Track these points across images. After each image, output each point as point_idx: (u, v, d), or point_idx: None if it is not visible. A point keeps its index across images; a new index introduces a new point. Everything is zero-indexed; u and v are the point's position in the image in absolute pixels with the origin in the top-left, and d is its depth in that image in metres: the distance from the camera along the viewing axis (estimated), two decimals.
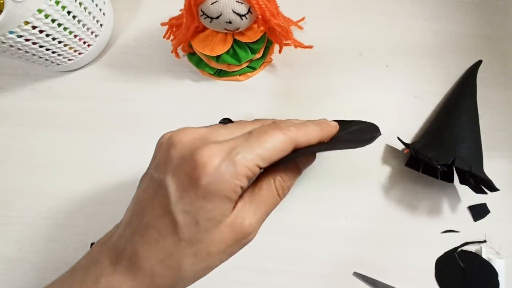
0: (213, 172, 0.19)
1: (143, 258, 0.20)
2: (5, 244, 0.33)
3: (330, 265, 0.31)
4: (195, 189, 0.19)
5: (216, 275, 0.31)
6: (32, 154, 0.35)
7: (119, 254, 0.21)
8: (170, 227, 0.19)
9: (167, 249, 0.20)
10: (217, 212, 0.19)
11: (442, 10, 0.38)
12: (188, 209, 0.19)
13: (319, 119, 0.25)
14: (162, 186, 0.20)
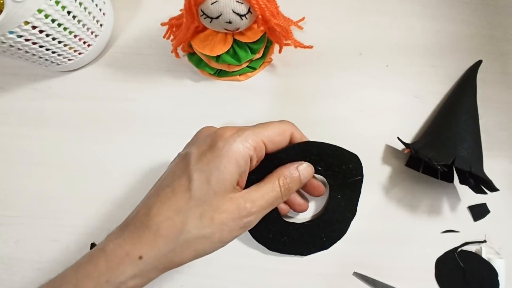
0: (227, 138, 0.23)
1: (153, 215, 0.22)
2: (5, 244, 0.33)
3: (330, 265, 0.31)
4: (211, 151, 0.22)
5: (216, 275, 0.31)
6: (32, 154, 0.35)
7: (129, 219, 0.23)
8: (185, 184, 0.22)
9: (176, 205, 0.22)
10: (226, 175, 0.22)
11: (442, 10, 0.38)
12: (203, 168, 0.22)
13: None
14: (186, 155, 0.23)
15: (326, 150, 0.27)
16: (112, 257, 0.21)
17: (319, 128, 0.34)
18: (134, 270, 0.21)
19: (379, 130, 0.34)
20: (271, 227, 0.30)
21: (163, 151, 0.34)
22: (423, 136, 0.33)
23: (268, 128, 0.24)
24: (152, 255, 0.21)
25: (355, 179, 0.30)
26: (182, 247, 0.22)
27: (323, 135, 0.34)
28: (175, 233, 0.22)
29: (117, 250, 0.22)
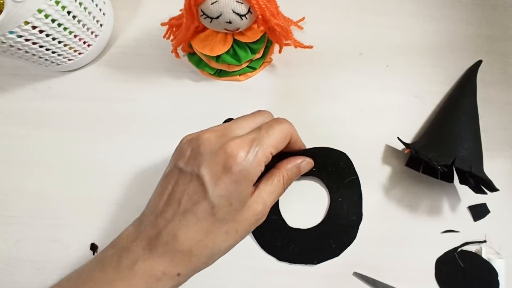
0: (243, 162, 0.23)
1: (182, 240, 0.23)
2: (5, 244, 0.33)
3: (330, 265, 0.31)
4: (227, 175, 0.23)
5: (216, 275, 0.31)
6: (32, 154, 0.35)
7: (152, 240, 0.24)
8: (208, 210, 0.23)
9: (204, 230, 0.23)
10: (245, 193, 0.24)
11: (442, 10, 0.38)
12: (223, 194, 0.23)
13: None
14: (195, 177, 0.24)
15: (316, 152, 0.28)
16: (147, 277, 0.23)
17: (319, 128, 0.34)
18: (174, 283, 0.24)
19: (379, 130, 0.34)
20: (278, 234, 0.31)
21: (163, 151, 0.34)
22: (423, 136, 0.33)
23: (274, 137, 0.25)
24: (189, 271, 0.24)
25: (350, 178, 0.30)
26: (214, 258, 0.25)
27: (323, 135, 0.34)
28: (208, 252, 0.24)
29: (151, 271, 0.23)
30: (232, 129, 0.25)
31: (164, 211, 0.24)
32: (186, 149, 0.25)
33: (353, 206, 0.31)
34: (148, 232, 0.24)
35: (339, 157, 0.30)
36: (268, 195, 0.26)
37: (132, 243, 0.24)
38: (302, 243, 0.31)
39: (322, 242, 0.31)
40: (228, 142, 0.24)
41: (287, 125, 0.26)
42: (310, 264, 0.31)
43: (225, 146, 0.23)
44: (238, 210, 0.24)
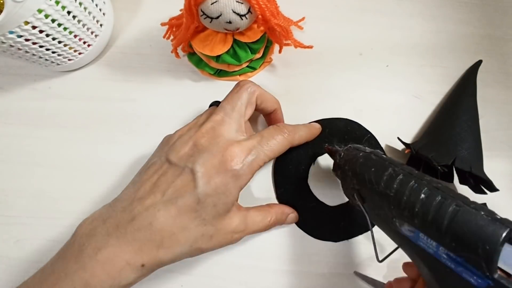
0: (236, 167, 0.24)
1: (156, 229, 0.23)
2: (5, 244, 0.33)
3: (330, 265, 0.31)
4: (220, 176, 0.23)
5: (216, 275, 0.31)
6: (32, 154, 0.35)
7: (122, 226, 0.23)
8: (191, 205, 0.23)
9: (182, 224, 0.23)
10: (231, 199, 0.24)
11: (442, 10, 0.38)
12: (211, 193, 0.23)
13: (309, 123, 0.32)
14: (187, 171, 0.24)
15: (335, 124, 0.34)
16: (110, 266, 0.22)
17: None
18: (137, 275, 0.23)
19: (379, 130, 0.34)
20: (325, 218, 0.32)
21: None
22: (423, 136, 0.33)
23: (271, 149, 0.26)
24: (154, 263, 0.23)
25: (366, 137, 0.33)
26: (180, 256, 0.24)
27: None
28: (178, 248, 0.23)
29: (114, 259, 0.22)
30: (227, 126, 0.26)
31: (143, 198, 0.24)
32: (181, 146, 0.25)
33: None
34: (119, 217, 0.23)
35: (345, 124, 0.33)
36: (252, 222, 0.27)
37: (97, 228, 0.23)
38: (349, 216, 0.32)
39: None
40: (228, 147, 0.24)
41: (288, 136, 0.27)
42: (366, 231, 0.32)
43: (224, 150, 0.24)
44: (220, 216, 0.24)
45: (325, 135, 0.33)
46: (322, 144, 0.33)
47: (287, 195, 0.32)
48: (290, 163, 0.33)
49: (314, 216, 0.32)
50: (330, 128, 0.34)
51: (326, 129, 0.33)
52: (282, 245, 0.32)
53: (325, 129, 0.33)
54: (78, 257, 0.22)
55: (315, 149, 0.33)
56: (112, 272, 0.22)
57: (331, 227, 0.32)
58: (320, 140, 0.33)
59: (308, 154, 0.33)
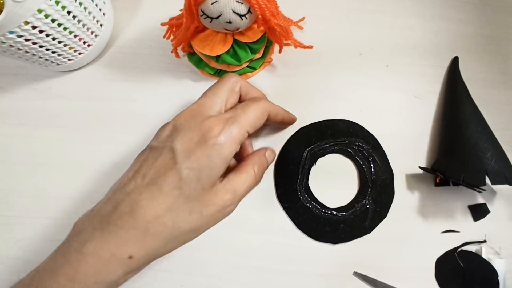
0: (217, 136, 0.23)
1: (139, 215, 0.21)
2: (5, 244, 0.33)
3: (330, 265, 0.31)
4: (200, 148, 0.22)
5: (216, 275, 0.31)
6: (32, 154, 0.35)
7: (106, 217, 0.22)
8: (173, 182, 0.22)
9: (165, 204, 0.22)
10: (216, 172, 0.23)
11: (442, 10, 0.38)
12: (193, 167, 0.22)
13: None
14: (167, 150, 0.23)
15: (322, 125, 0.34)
16: (96, 259, 0.21)
17: None
18: (125, 268, 0.22)
19: (378, 130, 0.34)
20: (323, 220, 0.32)
21: None
22: (441, 156, 0.32)
23: (250, 115, 0.25)
24: (143, 253, 0.22)
25: (368, 140, 0.34)
26: (172, 242, 0.23)
27: None
28: (166, 231, 0.22)
29: (100, 252, 0.21)
30: (207, 107, 0.25)
31: (125, 185, 0.23)
32: (162, 131, 0.25)
33: (381, 166, 0.32)
34: (103, 208, 0.23)
35: (347, 126, 0.34)
36: (238, 184, 0.25)
37: (85, 223, 0.23)
38: (348, 219, 0.32)
39: (366, 210, 0.32)
40: (204, 120, 0.23)
41: (264, 103, 0.26)
42: (365, 235, 0.32)
43: (201, 123, 0.23)
44: (206, 190, 0.23)
45: (327, 136, 0.33)
46: (323, 145, 0.33)
47: (287, 195, 0.32)
48: (291, 163, 0.33)
49: (313, 217, 0.32)
50: (332, 129, 0.34)
51: (328, 130, 0.33)
52: (282, 245, 0.32)
53: (327, 130, 0.33)
54: (65, 253, 0.22)
55: (316, 150, 0.33)
56: (97, 266, 0.21)
57: (330, 229, 0.32)
58: (321, 141, 0.33)
59: (309, 155, 0.33)
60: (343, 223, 0.32)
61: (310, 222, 0.32)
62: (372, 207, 0.32)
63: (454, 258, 0.31)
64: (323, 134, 0.33)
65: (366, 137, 0.34)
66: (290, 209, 0.32)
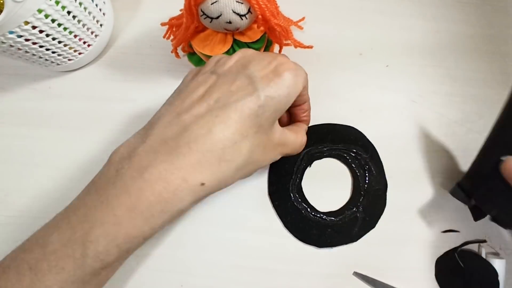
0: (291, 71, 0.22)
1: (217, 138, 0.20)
2: (5, 244, 0.33)
3: (330, 265, 0.31)
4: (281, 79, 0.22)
5: (216, 275, 0.31)
6: (32, 154, 0.35)
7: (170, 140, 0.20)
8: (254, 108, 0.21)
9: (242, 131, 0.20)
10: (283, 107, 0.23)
11: (443, 10, 0.38)
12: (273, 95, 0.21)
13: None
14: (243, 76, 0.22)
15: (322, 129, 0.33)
16: (162, 185, 0.18)
17: None
18: (194, 196, 0.20)
19: (379, 131, 0.34)
20: (311, 222, 0.32)
21: None
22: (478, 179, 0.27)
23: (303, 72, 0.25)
24: (215, 181, 0.20)
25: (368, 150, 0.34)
26: (241, 171, 0.21)
27: None
28: (240, 159, 0.20)
29: (168, 177, 0.18)
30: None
31: (193, 107, 0.21)
32: (226, 60, 0.24)
33: (376, 176, 0.32)
34: (164, 132, 0.20)
35: (349, 133, 0.33)
36: (292, 142, 0.25)
37: (137, 149, 0.20)
38: (336, 224, 0.32)
39: (355, 218, 0.32)
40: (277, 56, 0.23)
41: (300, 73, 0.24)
42: (351, 242, 0.32)
43: (272, 55, 0.23)
44: (272, 125, 0.22)
45: (326, 140, 0.33)
46: (321, 148, 0.33)
47: (279, 193, 0.32)
48: (287, 162, 0.33)
49: (301, 219, 0.32)
50: (333, 134, 0.34)
51: (328, 135, 0.33)
52: (282, 245, 0.32)
53: (327, 135, 0.33)
54: (117, 182, 0.19)
55: (314, 153, 0.33)
56: (164, 193, 0.18)
57: (316, 232, 0.31)
58: (320, 144, 0.33)
59: (306, 156, 0.33)
60: (331, 228, 0.31)
61: (298, 222, 0.32)
62: (361, 216, 0.32)
63: (454, 258, 0.31)
64: (323, 138, 0.33)
65: (366, 146, 0.33)
66: (279, 207, 0.32)
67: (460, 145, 0.34)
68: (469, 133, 0.34)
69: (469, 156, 0.34)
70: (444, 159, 0.34)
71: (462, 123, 0.35)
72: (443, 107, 0.35)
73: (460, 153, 0.34)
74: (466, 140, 0.34)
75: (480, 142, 0.34)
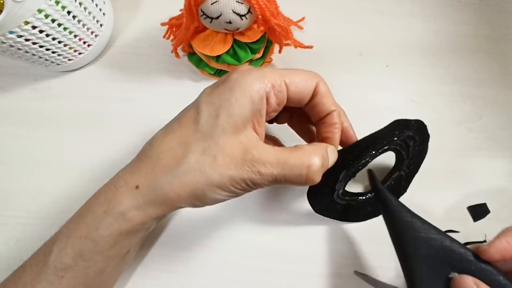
0: (243, 71, 0.21)
1: (155, 145, 0.22)
2: (5, 244, 0.33)
3: (330, 265, 0.31)
4: (223, 84, 0.21)
5: (216, 275, 0.31)
6: (32, 154, 0.35)
7: (134, 159, 0.23)
8: (192, 116, 0.21)
9: (181, 137, 0.21)
10: (238, 110, 0.20)
11: (442, 10, 0.38)
12: (213, 101, 0.21)
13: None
14: (198, 96, 0.23)
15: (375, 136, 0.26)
16: (112, 187, 0.21)
17: None
18: (131, 200, 0.21)
19: None
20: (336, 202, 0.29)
21: None
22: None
23: (291, 70, 0.22)
24: (148, 184, 0.21)
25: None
26: (180, 179, 0.20)
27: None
28: (174, 163, 0.20)
29: (117, 181, 0.22)
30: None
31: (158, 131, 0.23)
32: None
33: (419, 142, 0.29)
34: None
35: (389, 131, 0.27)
36: (281, 165, 0.20)
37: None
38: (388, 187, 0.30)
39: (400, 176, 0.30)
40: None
41: (311, 72, 0.23)
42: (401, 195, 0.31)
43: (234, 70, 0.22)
44: (225, 131, 0.20)
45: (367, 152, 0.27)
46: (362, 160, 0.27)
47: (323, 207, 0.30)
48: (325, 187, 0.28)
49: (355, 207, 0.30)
50: (373, 146, 0.27)
51: (369, 148, 0.27)
52: (282, 245, 0.32)
53: (367, 149, 0.27)
54: (105, 190, 0.23)
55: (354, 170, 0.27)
56: (109, 195, 0.22)
57: (372, 208, 0.30)
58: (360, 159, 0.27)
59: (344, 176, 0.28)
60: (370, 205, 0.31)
61: (355, 212, 0.31)
62: (405, 172, 0.30)
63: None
64: (360, 155, 0.27)
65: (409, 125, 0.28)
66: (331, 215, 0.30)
67: (460, 145, 0.34)
68: (469, 133, 0.34)
69: (469, 156, 0.34)
70: (444, 159, 0.34)
71: (462, 123, 0.35)
72: (443, 107, 0.35)
73: (460, 153, 0.34)
74: (466, 140, 0.34)
75: (480, 142, 0.34)
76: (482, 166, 0.33)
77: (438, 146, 0.34)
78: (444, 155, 0.34)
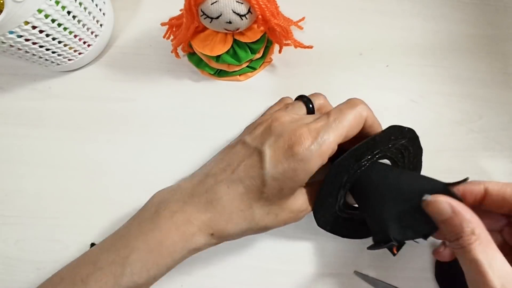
0: (306, 151, 0.23)
1: (225, 204, 0.24)
2: (5, 244, 0.33)
3: (330, 265, 0.31)
4: (288, 160, 0.23)
5: (216, 275, 0.31)
6: (32, 154, 0.35)
7: (196, 196, 0.25)
8: (258, 186, 0.24)
9: (248, 201, 0.24)
10: (298, 184, 0.24)
11: (442, 10, 0.38)
12: (278, 177, 0.23)
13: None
14: (257, 152, 0.24)
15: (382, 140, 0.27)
16: (184, 228, 0.24)
17: None
18: (206, 241, 0.25)
19: None
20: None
21: (163, 151, 0.34)
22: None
23: (343, 125, 0.24)
24: (222, 235, 0.25)
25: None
26: (246, 232, 0.25)
27: None
28: (245, 224, 0.25)
29: (188, 223, 0.24)
30: (307, 118, 0.26)
31: (216, 174, 0.26)
32: (258, 127, 0.26)
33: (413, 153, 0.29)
34: (194, 188, 0.25)
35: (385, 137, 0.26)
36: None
37: (174, 196, 0.26)
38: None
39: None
40: (296, 128, 0.24)
41: (361, 108, 0.25)
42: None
43: (293, 131, 0.24)
44: (286, 197, 0.25)
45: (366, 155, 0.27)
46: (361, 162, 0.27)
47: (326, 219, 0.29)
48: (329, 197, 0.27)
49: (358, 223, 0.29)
50: (371, 149, 0.27)
51: (368, 151, 0.27)
52: (282, 245, 0.32)
53: (366, 151, 0.27)
54: (154, 219, 0.24)
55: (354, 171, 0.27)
56: (185, 235, 0.24)
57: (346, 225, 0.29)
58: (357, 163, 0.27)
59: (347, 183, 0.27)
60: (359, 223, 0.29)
61: (356, 226, 0.29)
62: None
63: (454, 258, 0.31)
64: (360, 158, 0.27)
65: (403, 132, 0.28)
66: (333, 230, 0.29)
67: (460, 145, 0.34)
68: (469, 133, 0.34)
69: (469, 156, 0.34)
70: (444, 159, 0.34)
71: (462, 123, 0.35)
72: (443, 107, 0.35)
73: (460, 153, 0.34)
74: (466, 140, 0.34)
75: (480, 142, 0.34)
76: (482, 166, 0.33)
77: (438, 146, 0.34)
78: (444, 155, 0.34)
